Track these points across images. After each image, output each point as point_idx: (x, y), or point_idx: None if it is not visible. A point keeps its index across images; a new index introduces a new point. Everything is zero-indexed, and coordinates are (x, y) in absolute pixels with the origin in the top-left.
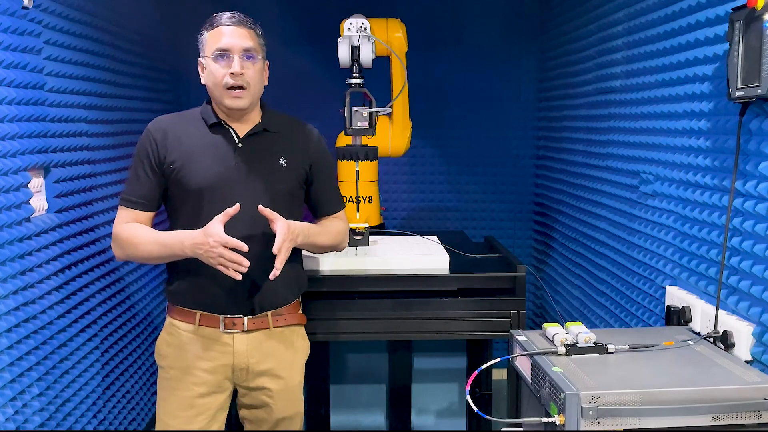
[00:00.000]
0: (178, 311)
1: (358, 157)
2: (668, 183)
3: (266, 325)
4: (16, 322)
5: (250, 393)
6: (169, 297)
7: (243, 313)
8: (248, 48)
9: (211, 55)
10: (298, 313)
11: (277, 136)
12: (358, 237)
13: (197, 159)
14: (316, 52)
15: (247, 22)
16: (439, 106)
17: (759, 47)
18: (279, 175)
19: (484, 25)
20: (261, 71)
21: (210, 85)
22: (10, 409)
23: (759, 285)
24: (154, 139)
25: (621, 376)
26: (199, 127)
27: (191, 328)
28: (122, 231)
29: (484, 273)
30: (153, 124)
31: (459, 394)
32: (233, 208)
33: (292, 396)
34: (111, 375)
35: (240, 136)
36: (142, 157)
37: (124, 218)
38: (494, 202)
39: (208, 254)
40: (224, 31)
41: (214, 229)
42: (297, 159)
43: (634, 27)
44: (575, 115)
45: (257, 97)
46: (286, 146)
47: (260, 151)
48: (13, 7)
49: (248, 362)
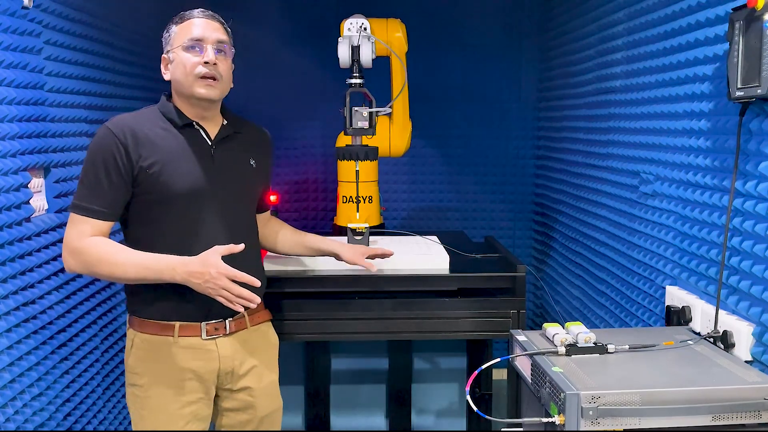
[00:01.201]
0: (151, 325)
1: (358, 157)
2: (668, 183)
3: (244, 325)
4: (16, 322)
5: (233, 395)
6: (137, 312)
7: (223, 317)
8: (221, 41)
9: (182, 45)
10: (265, 310)
11: (243, 137)
12: (358, 237)
13: (176, 162)
14: (316, 52)
15: (218, 17)
16: (439, 106)
17: (759, 47)
18: (252, 175)
19: (485, 25)
20: (231, 68)
21: (178, 76)
22: (10, 409)
23: (759, 285)
24: (122, 142)
25: (621, 376)
26: (168, 128)
27: (169, 340)
28: (89, 247)
29: (484, 273)
30: (114, 124)
31: (459, 394)
32: (238, 247)
33: (273, 391)
34: (111, 375)
35: (212, 137)
36: (107, 161)
37: (85, 231)
38: (494, 202)
39: (207, 285)
40: (196, 23)
41: (214, 259)
42: (262, 159)
43: (635, 27)
44: (575, 115)
45: (225, 94)
46: (252, 147)
47: (233, 153)
48: (13, 7)
49: (233, 365)
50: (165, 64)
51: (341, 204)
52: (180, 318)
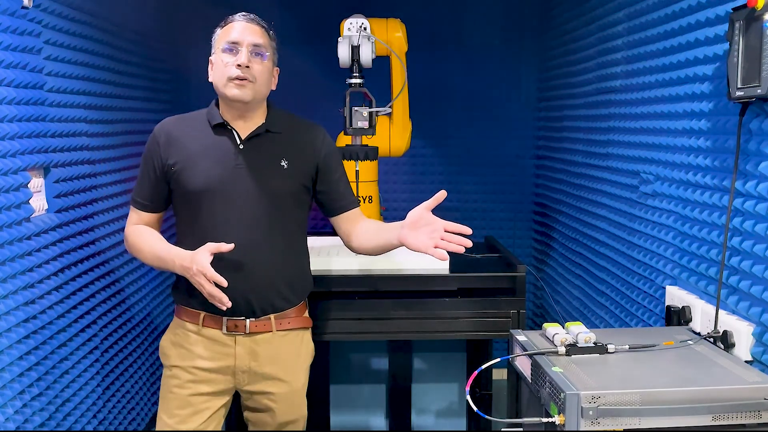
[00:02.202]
0: (184, 311)
1: (358, 157)
2: (668, 183)
3: (269, 329)
4: (16, 322)
5: (253, 397)
6: (175, 297)
7: (245, 316)
8: (258, 44)
9: (221, 47)
10: (303, 317)
11: (281, 137)
12: None
13: (197, 161)
14: (316, 52)
15: (261, 21)
16: (439, 106)
17: (759, 47)
18: (280, 176)
19: (485, 25)
20: (269, 71)
21: (216, 78)
22: (10, 409)
23: (759, 285)
24: (158, 142)
25: (621, 376)
26: (203, 129)
27: (195, 328)
28: (130, 234)
29: (484, 273)
30: (159, 125)
31: (459, 394)
32: (227, 247)
33: (296, 400)
34: (111, 375)
35: (242, 138)
36: (147, 159)
37: (133, 219)
38: (494, 202)
39: (192, 280)
40: (236, 26)
41: (200, 257)
42: (300, 160)
43: (635, 27)
44: (575, 115)
45: (262, 96)
46: (289, 147)
47: (262, 153)
48: (13, 7)
49: (249, 365)
50: (211, 67)
51: None
52: (205, 309)
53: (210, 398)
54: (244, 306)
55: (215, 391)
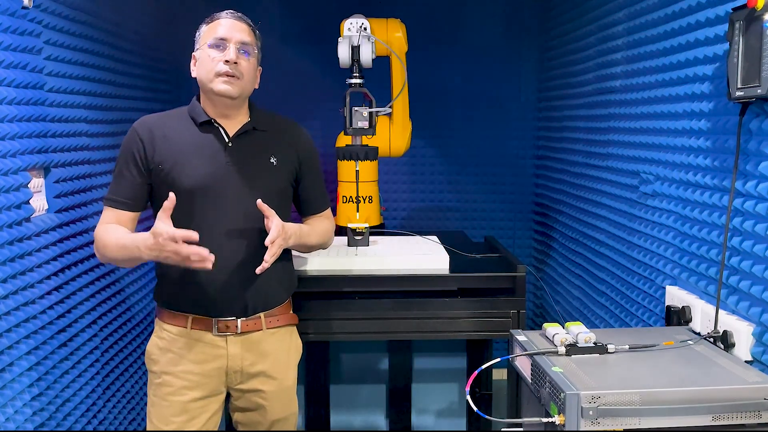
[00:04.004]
0: (169, 314)
1: (358, 157)
2: (668, 183)
3: (259, 327)
4: (16, 322)
5: (244, 396)
6: (158, 300)
7: (236, 315)
8: (245, 42)
9: (207, 44)
10: (290, 314)
11: (267, 134)
12: (358, 237)
13: (187, 159)
14: (316, 52)
15: (247, 19)
16: (439, 106)
17: (759, 47)
18: (270, 173)
19: (485, 25)
20: (255, 69)
21: (201, 73)
22: (10, 409)
23: (759, 285)
24: (141, 139)
25: (621, 376)
26: (188, 126)
27: (182, 331)
28: (98, 233)
29: (484, 273)
30: (139, 123)
31: (459, 394)
32: (170, 201)
33: (287, 397)
34: (110, 375)
35: (230, 135)
36: (127, 157)
37: (107, 219)
38: (494, 202)
39: (163, 254)
40: (223, 23)
41: (159, 227)
42: (287, 157)
43: (634, 27)
44: (575, 115)
45: (247, 94)
46: (276, 145)
47: (250, 150)
48: (13, 7)
49: (242, 365)
50: (193, 62)
51: (341, 204)
52: (194, 311)
53: (205, 402)
54: (234, 305)
55: (209, 394)
